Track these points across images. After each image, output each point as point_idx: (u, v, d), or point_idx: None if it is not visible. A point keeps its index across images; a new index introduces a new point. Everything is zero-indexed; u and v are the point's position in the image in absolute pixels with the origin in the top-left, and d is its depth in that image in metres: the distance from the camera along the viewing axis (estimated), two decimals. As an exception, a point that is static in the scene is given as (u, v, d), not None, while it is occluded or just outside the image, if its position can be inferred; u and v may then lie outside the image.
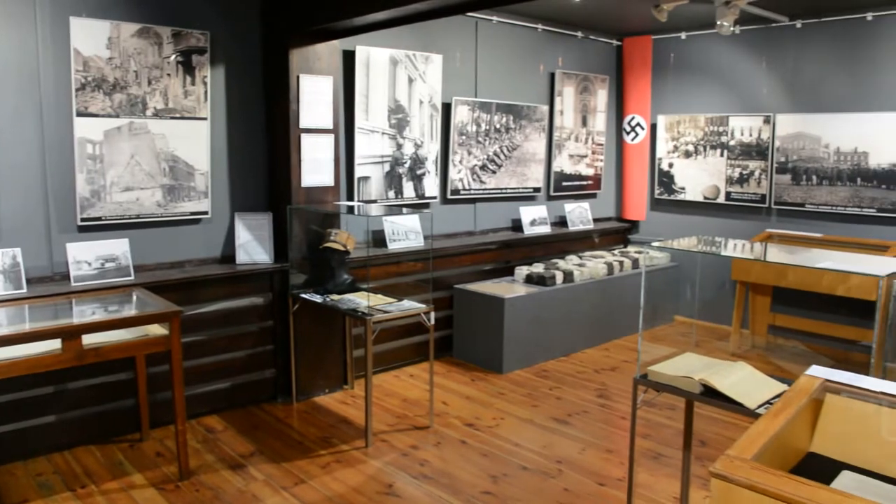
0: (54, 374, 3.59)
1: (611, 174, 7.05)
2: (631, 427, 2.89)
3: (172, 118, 4.05)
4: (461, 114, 5.48)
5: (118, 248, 3.90)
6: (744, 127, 6.04)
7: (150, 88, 3.95)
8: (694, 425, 3.04)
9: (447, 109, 5.41)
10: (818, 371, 1.95)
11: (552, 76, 6.21)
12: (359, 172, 4.91)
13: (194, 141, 4.14)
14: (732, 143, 6.13)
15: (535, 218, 6.13)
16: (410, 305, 4.08)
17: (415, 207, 5.27)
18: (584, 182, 6.71)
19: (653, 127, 6.73)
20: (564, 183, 6.50)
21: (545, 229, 6.16)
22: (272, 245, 4.40)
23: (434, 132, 5.35)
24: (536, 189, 6.22)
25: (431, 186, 5.39)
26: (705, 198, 6.41)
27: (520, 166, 6.03)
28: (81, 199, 3.77)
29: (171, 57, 4.00)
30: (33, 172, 3.64)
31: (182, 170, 4.12)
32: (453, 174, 5.53)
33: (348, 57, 4.75)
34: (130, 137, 3.91)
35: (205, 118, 4.17)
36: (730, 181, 6.19)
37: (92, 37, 3.71)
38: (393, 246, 5.03)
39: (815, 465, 1.74)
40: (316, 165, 4.46)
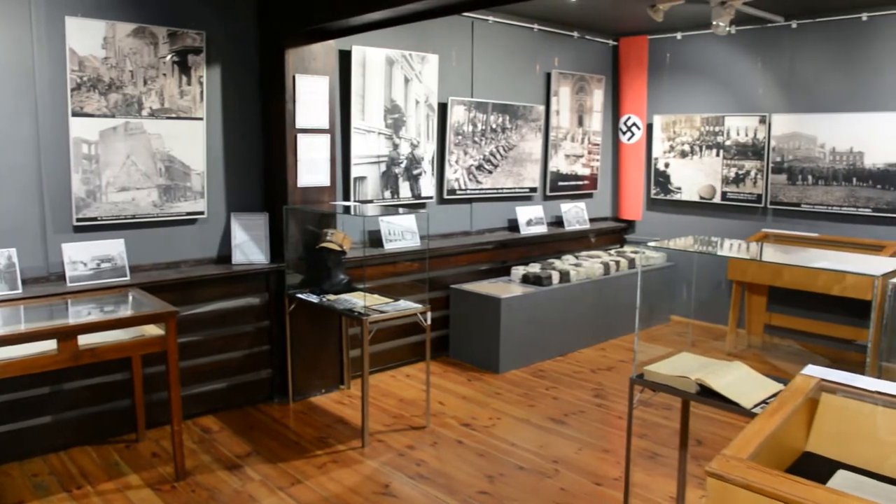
0: (50, 375, 3.58)
1: (607, 174, 7.06)
2: (627, 427, 2.89)
3: (168, 118, 4.04)
4: (457, 114, 5.48)
5: (114, 249, 3.89)
6: (739, 127, 6.05)
7: (146, 88, 3.94)
8: (690, 425, 3.04)
9: (443, 109, 5.41)
10: (814, 370, 1.95)
11: (548, 76, 6.22)
12: (355, 172, 4.90)
13: (190, 141, 4.13)
14: (728, 143, 6.14)
15: (532, 218, 6.13)
16: (407, 305, 4.08)
17: (411, 207, 5.27)
18: (581, 182, 6.72)
19: (649, 127, 6.73)
20: (561, 183, 6.50)
21: (541, 229, 6.17)
22: (268, 245, 4.40)
23: (430, 132, 5.35)
24: (533, 189, 6.22)
25: (428, 186, 5.39)
26: (701, 198, 6.42)
27: (516, 166, 6.03)
28: (77, 200, 3.76)
29: (167, 57, 3.99)
30: (29, 172, 3.63)
31: (178, 170, 4.11)
32: (449, 174, 5.53)
33: (344, 57, 4.75)
34: (126, 137, 3.90)
35: (201, 118, 4.16)
36: (726, 181, 6.20)
37: (87, 36, 3.70)
38: (389, 246, 5.02)
39: (811, 465, 1.74)
40: (312, 165, 4.45)
